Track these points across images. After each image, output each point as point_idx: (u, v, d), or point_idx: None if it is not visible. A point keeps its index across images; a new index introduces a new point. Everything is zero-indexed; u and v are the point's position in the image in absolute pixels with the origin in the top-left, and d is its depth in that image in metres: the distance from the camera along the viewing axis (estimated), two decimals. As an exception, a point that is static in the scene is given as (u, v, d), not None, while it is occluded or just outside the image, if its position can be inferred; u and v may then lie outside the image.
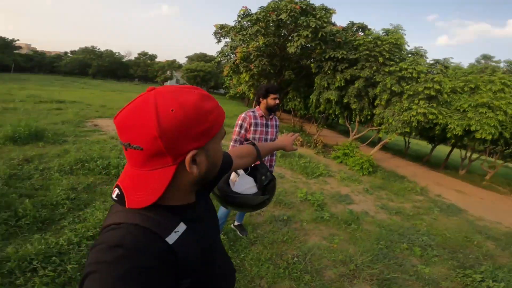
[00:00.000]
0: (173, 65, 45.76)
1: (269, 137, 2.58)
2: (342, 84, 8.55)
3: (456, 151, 13.88)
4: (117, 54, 51.85)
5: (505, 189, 10.91)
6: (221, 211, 2.66)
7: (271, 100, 2.48)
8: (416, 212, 5.36)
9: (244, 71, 9.26)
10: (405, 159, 13.37)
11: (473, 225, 5.18)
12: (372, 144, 11.62)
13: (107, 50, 50.32)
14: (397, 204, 5.73)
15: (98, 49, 50.05)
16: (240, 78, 10.66)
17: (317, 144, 9.83)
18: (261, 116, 2.54)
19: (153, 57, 51.49)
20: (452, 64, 10.75)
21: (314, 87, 9.47)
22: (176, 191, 0.59)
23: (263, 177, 1.09)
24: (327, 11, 8.03)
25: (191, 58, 48.61)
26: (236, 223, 3.19)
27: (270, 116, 2.61)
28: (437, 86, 7.01)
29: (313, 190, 5.36)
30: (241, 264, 2.58)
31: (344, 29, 9.19)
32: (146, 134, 0.50)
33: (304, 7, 7.74)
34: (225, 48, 11.01)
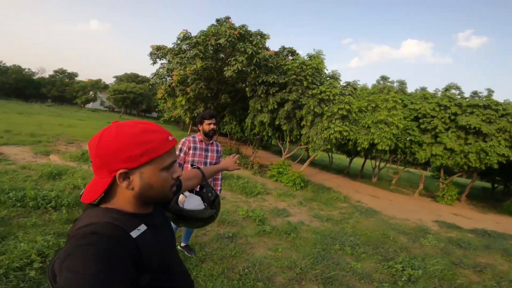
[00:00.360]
0: (97, 85, 40.86)
1: (208, 160, 2.72)
2: (275, 107, 9.27)
3: (368, 161, 16.27)
4: (26, 70, 44.21)
5: (408, 190, 13.20)
6: None
7: (206, 126, 2.65)
8: (343, 217, 6.10)
9: (181, 94, 9.17)
10: (330, 172, 14.97)
11: (387, 224, 6.15)
12: (302, 161, 12.67)
13: (14, 65, 42.45)
14: (327, 212, 6.41)
15: (4, 64, 41.76)
16: (176, 102, 10.50)
17: (254, 165, 10.28)
18: (201, 141, 2.71)
19: (73, 75, 45.43)
20: (359, 85, 12.81)
21: (249, 110, 9.99)
22: (127, 200, 0.75)
23: (210, 194, 1.24)
24: (262, 37, 8.64)
25: (120, 79, 44.65)
26: (182, 244, 3.19)
27: (210, 142, 2.76)
28: (347, 107, 8.23)
29: (253, 207, 5.62)
30: (195, 281, 2.58)
31: (276, 53, 10.02)
32: (92, 153, 0.71)
33: (242, 33, 8.21)
34: (161, 70, 10.78)
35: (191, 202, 1.30)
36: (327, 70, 9.39)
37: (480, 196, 16.27)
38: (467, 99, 11.00)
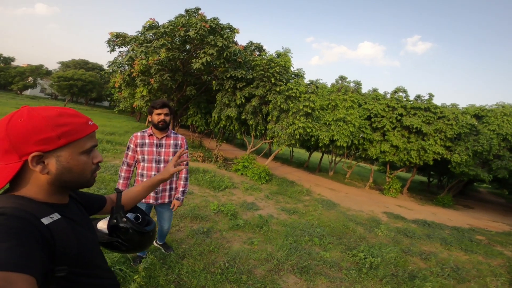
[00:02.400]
0: (38, 71, 36.40)
1: (162, 157, 2.40)
2: (243, 101, 9.33)
3: (325, 156, 17.32)
4: None
5: (360, 183, 14.37)
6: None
7: (156, 116, 2.34)
8: (307, 210, 6.46)
9: (142, 84, 8.67)
10: (291, 166, 15.60)
11: (345, 215, 6.68)
12: (265, 155, 12.98)
13: None
14: (292, 205, 6.73)
15: None
16: (135, 92, 9.88)
17: (218, 159, 10.25)
18: (150, 135, 2.41)
19: (9, 59, 39.74)
20: (320, 83, 13.47)
21: (215, 104, 9.89)
22: (40, 188, 0.71)
23: (114, 220, 1.04)
24: (232, 31, 8.51)
25: (66, 65, 40.31)
26: (159, 242, 3.07)
27: (164, 135, 2.43)
28: (311, 105, 8.65)
29: (223, 201, 5.67)
30: (179, 278, 2.58)
31: (244, 48, 9.97)
32: None
33: (214, 26, 8.00)
34: (120, 58, 10.01)
35: (105, 220, 1.09)
36: (293, 68, 9.70)
37: (418, 189, 18.42)
38: (412, 102, 12.31)
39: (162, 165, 2.40)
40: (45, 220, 0.66)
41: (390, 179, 12.57)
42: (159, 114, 2.34)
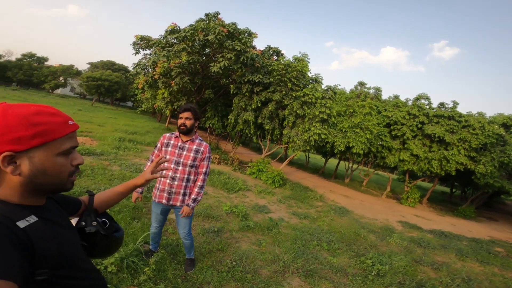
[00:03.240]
0: (69, 71, 38.59)
1: (182, 160, 2.41)
2: (259, 106, 9.47)
3: (341, 163, 17.07)
4: None
5: (376, 192, 14.05)
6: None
7: (179, 119, 2.41)
8: (319, 216, 6.46)
9: (163, 86, 9.04)
10: (307, 171, 15.52)
11: (358, 223, 6.61)
12: (281, 159, 13.02)
13: (-23, 47, 38.89)
14: (304, 210, 6.75)
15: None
16: (157, 94, 10.31)
17: (233, 161, 10.44)
18: (176, 137, 2.47)
19: (42, 59, 42.42)
20: (338, 89, 13.35)
21: (232, 107, 10.10)
22: (13, 189, 0.68)
23: (83, 222, 1.00)
24: (250, 35, 8.69)
25: (94, 65, 42.48)
26: (186, 255, 2.90)
27: (189, 139, 2.46)
28: (328, 111, 8.63)
29: (236, 203, 5.80)
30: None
31: (262, 52, 10.15)
32: None
33: (231, 31, 8.23)
34: (144, 60, 10.50)
35: (73, 222, 1.05)
36: (310, 73, 9.73)
37: (439, 199, 17.69)
38: (434, 110, 11.92)
39: (180, 167, 2.42)
40: (21, 224, 0.63)
41: (408, 188, 12.20)
42: (181, 118, 2.39)
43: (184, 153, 2.42)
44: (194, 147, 2.44)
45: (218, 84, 11.18)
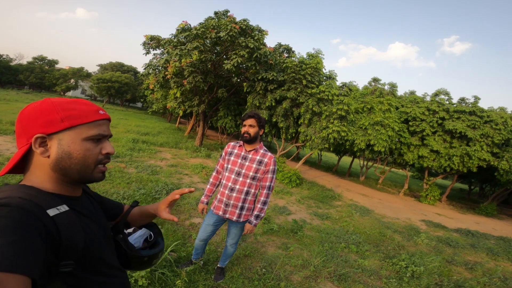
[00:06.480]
0: (79, 73, 39.14)
1: (243, 171, 2.25)
2: (273, 104, 9.28)
3: (355, 160, 16.70)
4: (4, 56, 41.52)
5: (393, 190, 13.69)
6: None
7: (242, 127, 2.27)
8: (340, 216, 6.25)
9: (175, 86, 8.94)
10: (320, 170, 15.25)
11: (381, 222, 6.36)
12: (294, 159, 12.81)
13: (-10, 51, 39.71)
14: (324, 210, 6.54)
15: (-21, 50, 39.10)
16: (168, 94, 10.23)
17: (248, 160, 10.28)
18: (240, 146, 2.34)
19: (53, 62, 43.12)
20: (353, 86, 13.01)
21: (246, 106, 9.93)
22: (46, 175, 0.70)
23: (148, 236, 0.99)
24: (261, 32, 8.50)
25: (104, 67, 43.03)
26: (218, 264, 2.75)
27: (253, 148, 2.28)
28: (346, 108, 8.38)
29: (255, 204, 5.64)
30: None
31: (273, 50, 9.94)
32: (16, 121, 0.70)
33: (243, 27, 8.06)
34: (155, 60, 10.43)
35: (137, 234, 1.05)
36: (325, 69, 9.47)
37: (458, 196, 17.17)
38: (455, 105, 11.49)
39: (240, 179, 2.25)
40: (51, 212, 0.64)
41: (428, 186, 11.82)
42: (244, 125, 2.24)
43: (247, 163, 2.25)
44: (258, 157, 2.25)
45: (229, 82, 11.03)
